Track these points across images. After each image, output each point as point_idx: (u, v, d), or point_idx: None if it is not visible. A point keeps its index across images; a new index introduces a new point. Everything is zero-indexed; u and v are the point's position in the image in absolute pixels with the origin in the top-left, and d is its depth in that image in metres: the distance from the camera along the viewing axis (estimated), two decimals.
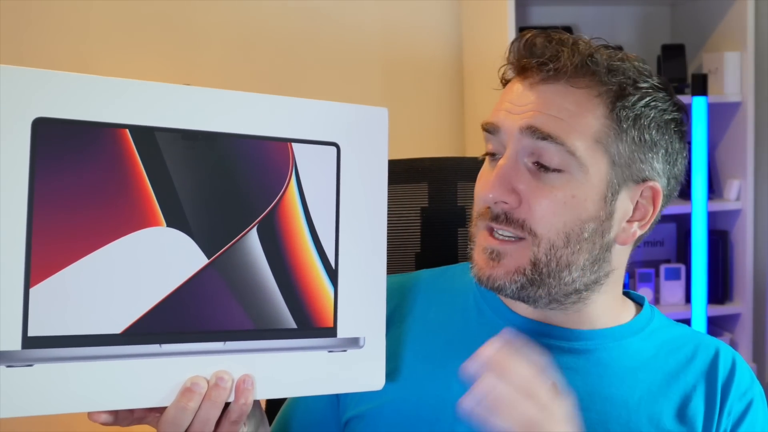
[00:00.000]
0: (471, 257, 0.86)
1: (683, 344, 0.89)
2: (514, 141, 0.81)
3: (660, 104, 0.84)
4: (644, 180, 0.84)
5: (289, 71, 2.31)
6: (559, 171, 0.80)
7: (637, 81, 0.83)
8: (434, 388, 0.85)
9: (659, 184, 0.85)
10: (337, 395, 0.89)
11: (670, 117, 0.85)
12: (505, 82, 0.88)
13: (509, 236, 0.82)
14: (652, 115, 0.83)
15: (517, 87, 0.84)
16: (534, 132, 0.80)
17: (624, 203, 0.84)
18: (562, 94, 0.81)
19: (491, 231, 0.83)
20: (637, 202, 0.84)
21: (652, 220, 0.86)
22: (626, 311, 0.90)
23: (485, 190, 0.82)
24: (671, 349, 0.88)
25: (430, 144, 2.27)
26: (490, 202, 0.82)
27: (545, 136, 0.80)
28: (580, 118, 0.81)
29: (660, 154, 0.84)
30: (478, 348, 0.86)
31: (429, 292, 0.93)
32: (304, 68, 2.32)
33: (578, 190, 0.81)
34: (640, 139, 0.83)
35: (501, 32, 2.07)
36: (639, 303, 0.93)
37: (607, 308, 0.87)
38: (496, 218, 0.82)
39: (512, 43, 0.86)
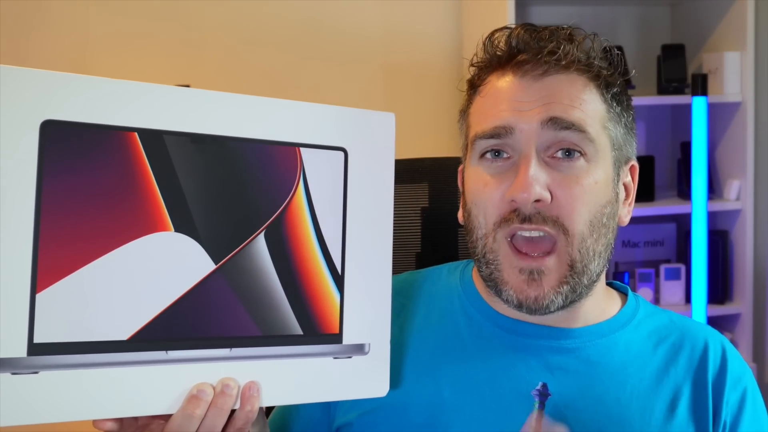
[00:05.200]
0: (497, 278, 0.82)
1: (670, 333, 0.89)
2: (535, 136, 0.80)
3: (623, 79, 0.86)
4: (628, 160, 0.87)
5: (289, 73, 2.31)
6: (580, 159, 0.80)
7: (611, 64, 0.84)
8: (425, 395, 0.84)
9: (635, 161, 0.89)
10: (328, 403, 0.88)
11: (629, 95, 0.87)
12: (475, 84, 0.86)
13: (539, 236, 0.79)
14: (625, 97, 0.86)
15: (515, 83, 0.82)
16: (556, 123, 0.79)
17: (621, 185, 0.86)
18: (568, 82, 0.81)
19: (514, 246, 0.80)
20: (625, 182, 0.87)
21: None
22: (612, 303, 0.91)
23: (520, 191, 0.78)
24: (659, 339, 0.88)
25: (430, 144, 2.26)
26: (525, 203, 0.78)
27: (568, 125, 0.79)
28: (589, 105, 0.81)
29: (635, 134, 0.88)
30: (469, 352, 0.86)
31: (414, 297, 0.93)
32: (304, 70, 2.32)
33: (597, 175, 0.81)
34: (627, 122, 0.86)
35: None
36: (623, 293, 0.94)
37: (597, 302, 0.88)
38: (527, 219, 0.79)
39: (492, 40, 0.85)
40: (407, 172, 1.12)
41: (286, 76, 2.30)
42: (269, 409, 0.97)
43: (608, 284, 0.93)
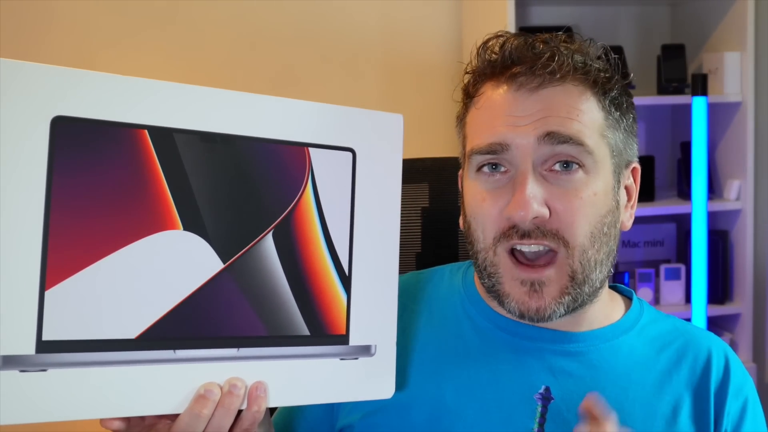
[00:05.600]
0: (499, 290, 0.82)
1: (674, 339, 0.89)
2: (531, 152, 0.79)
3: (621, 82, 0.85)
4: (629, 163, 0.86)
5: (289, 71, 2.30)
6: (579, 171, 0.80)
7: (607, 69, 0.84)
8: (428, 397, 0.84)
9: (637, 163, 0.87)
10: (332, 404, 0.88)
11: (629, 96, 0.86)
12: (470, 94, 0.85)
13: (539, 250, 0.79)
14: (625, 99, 0.85)
15: (510, 97, 0.81)
16: (553, 137, 0.79)
17: (623, 190, 0.85)
18: (565, 94, 0.81)
19: (515, 257, 0.80)
20: (626, 185, 0.86)
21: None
22: (616, 308, 0.90)
23: (517, 210, 0.78)
24: (662, 345, 0.88)
25: (430, 144, 2.26)
26: (523, 221, 0.78)
27: (565, 139, 0.79)
28: (586, 115, 0.81)
29: (635, 135, 0.86)
30: (471, 355, 0.85)
31: (417, 299, 0.92)
32: (304, 68, 2.31)
33: (597, 187, 0.81)
34: (627, 126, 0.85)
35: None
36: (627, 296, 0.93)
37: (601, 307, 0.87)
38: (526, 235, 0.79)
39: (485, 51, 0.84)
40: (407, 172, 1.10)
41: (286, 76, 2.30)
42: (272, 410, 0.97)
43: (612, 287, 0.93)
